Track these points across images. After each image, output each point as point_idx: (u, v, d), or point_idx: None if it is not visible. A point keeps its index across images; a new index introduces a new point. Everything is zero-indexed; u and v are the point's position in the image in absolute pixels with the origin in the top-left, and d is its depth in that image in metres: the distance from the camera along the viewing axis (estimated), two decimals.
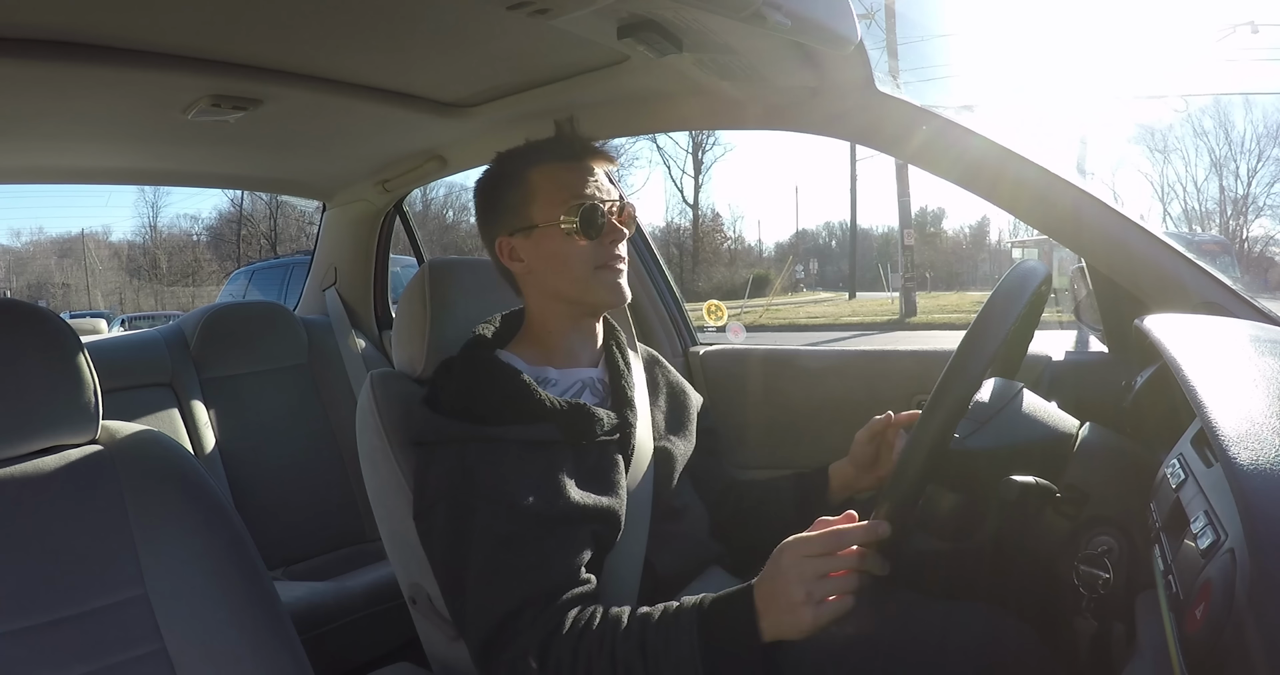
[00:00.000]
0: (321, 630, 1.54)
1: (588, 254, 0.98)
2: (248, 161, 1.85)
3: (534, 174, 1.00)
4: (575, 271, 0.99)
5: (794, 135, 1.86)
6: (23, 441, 0.81)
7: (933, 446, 0.81)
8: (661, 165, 37.62)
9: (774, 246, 35.66)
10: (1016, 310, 0.84)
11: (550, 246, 0.99)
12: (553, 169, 1.00)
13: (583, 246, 0.98)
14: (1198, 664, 0.47)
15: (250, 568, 0.85)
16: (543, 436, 0.92)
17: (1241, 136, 24.27)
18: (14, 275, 27.71)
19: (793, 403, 1.53)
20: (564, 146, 1.02)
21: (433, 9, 1.02)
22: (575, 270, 0.99)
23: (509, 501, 0.88)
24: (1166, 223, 25.62)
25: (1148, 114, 27.58)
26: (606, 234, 0.98)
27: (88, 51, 1.04)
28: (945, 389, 0.80)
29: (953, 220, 31.96)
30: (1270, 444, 0.50)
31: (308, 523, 1.93)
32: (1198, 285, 1.04)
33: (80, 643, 0.76)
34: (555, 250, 0.99)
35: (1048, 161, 1.10)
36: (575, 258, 0.98)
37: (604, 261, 0.99)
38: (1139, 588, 0.77)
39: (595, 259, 0.98)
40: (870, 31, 11.51)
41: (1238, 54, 23.44)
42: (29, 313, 0.83)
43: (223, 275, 22.96)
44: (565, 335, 1.04)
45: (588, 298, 1.01)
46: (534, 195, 0.99)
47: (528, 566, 0.86)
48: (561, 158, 1.01)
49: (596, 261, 0.98)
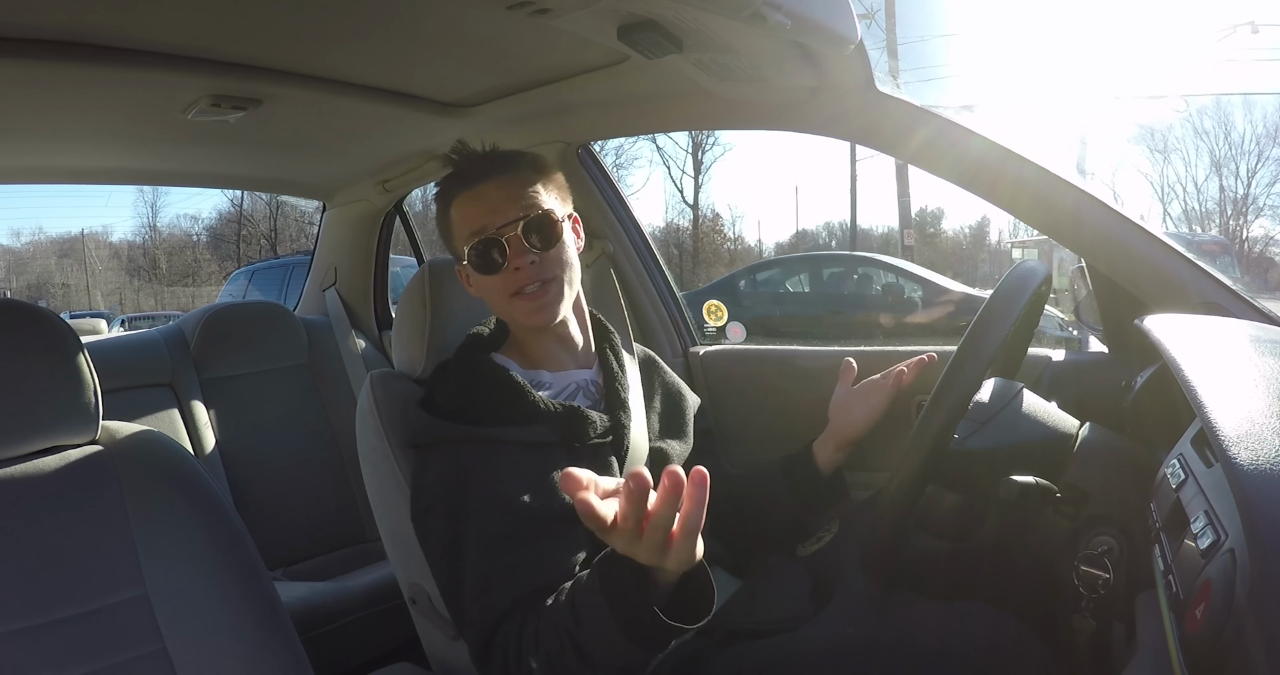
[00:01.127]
0: (321, 630, 1.54)
1: (498, 285, 0.99)
2: (248, 161, 1.85)
3: (451, 208, 1.01)
4: (493, 300, 1.02)
5: (794, 135, 1.86)
6: (23, 441, 0.81)
7: (933, 446, 0.81)
8: (661, 165, 37.60)
9: (774, 247, 35.63)
10: (1016, 310, 0.84)
11: (473, 278, 1.02)
12: (460, 201, 1.01)
13: (491, 279, 0.99)
14: (1198, 664, 0.47)
15: (250, 568, 0.85)
16: (537, 438, 0.93)
17: (1241, 137, 24.25)
18: (14, 275, 27.69)
19: (793, 403, 1.53)
20: (460, 176, 1.01)
21: (433, 9, 1.02)
22: (493, 299, 1.02)
23: (504, 503, 0.88)
24: (1166, 223, 25.60)
25: (1148, 114, 27.53)
26: (510, 262, 0.97)
27: (88, 51, 1.04)
28: (945, 389, 0.80)
29: (953, 220, 31.94)
30: (1270, 444, 0.50)
31: (307, 523, 1.93)
32: (1198, 285, 1.04)
33: (80, 643, 0.76)
34: (475, 282, 1.02)
35: (1048, 161, 1.10)
36: (489, 290, 1.01)
37: (515, 289, 0.98)
38: (1139, 588, 0.77)
39: (505, 289, 0.99)
40: (870, 31, 11.51)
41: (1238, 54, 23.44)
42: (29, 313, 0.83)
43: (222, 275, 22.94)
44: (539, 344, 1.05)
45: (515, 322, 1.03)
46: (451, 230, 1.02)
47: (523, 566, 0.86)
48: (464, 186, 1.00)
49: (507, 290, 0.99)
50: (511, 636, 0.83)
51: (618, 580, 0.72)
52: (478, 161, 1.01)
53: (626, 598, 0.72)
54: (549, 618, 0.80)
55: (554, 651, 0.78)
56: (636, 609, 0.71)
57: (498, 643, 0.84)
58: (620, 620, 0.72)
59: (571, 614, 0.77)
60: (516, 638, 0.82)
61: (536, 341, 1.05)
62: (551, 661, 0.79)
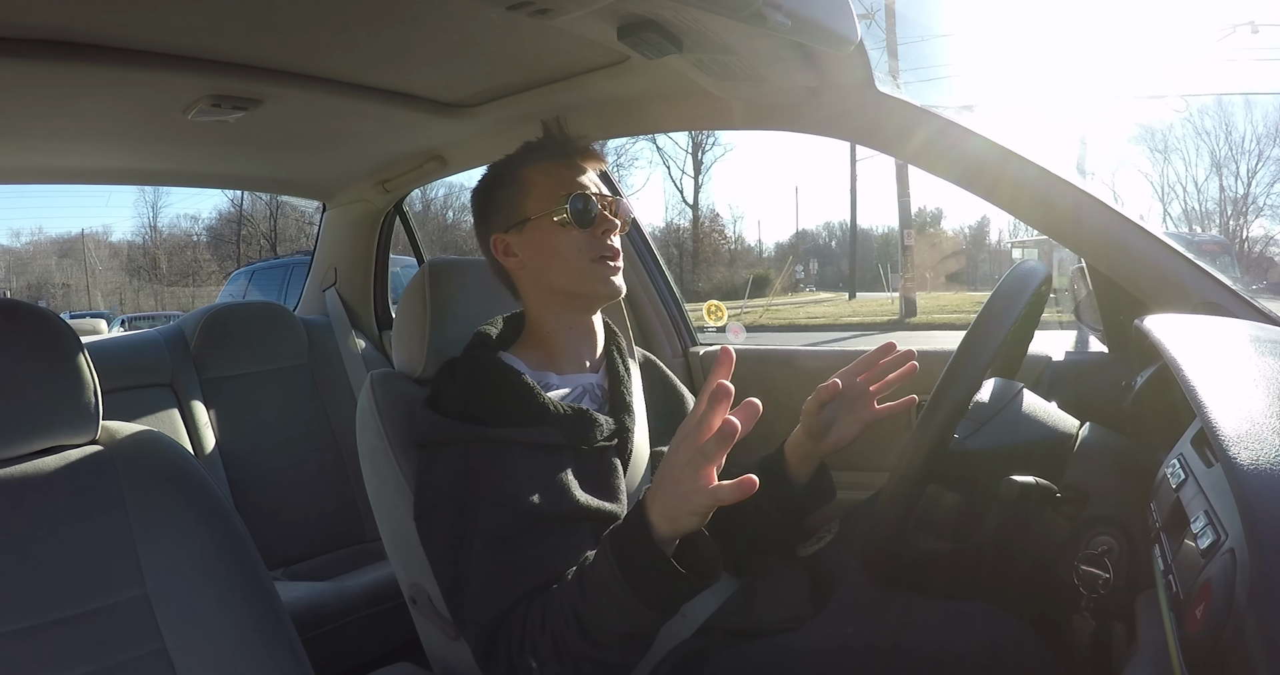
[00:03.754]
0: (321, 630, 1.54)
1: (582, 244, 0.98)
2: (248, 161, 1.85)
3: (527, 171, 1.02)
4: (570, 262, 0.99)
5: (794, 135, 1.86)
6: (23, 441, 0.81)
7: (933, 446, 0.81)
8: (661, 165, 37.57)
9: (774, 246, 35.63)
10: (1016, 310, 0.84)
11: (544, 239, 0.99)
12: (545, 166, 1.02)
13: (576, 237, 0.98)
14: (1198, 664, 0.47)
15: (250, 568, 0.85)
16: (545, 440, 0.93)
17: (1241, 137, 24.27)
18: (14, 275, 27.70)
19: (793, 403, 1.52)
20: (555, 145, 1.04)
21: (433, 9, 1.02)
22: (570, 261, 0.99)
23: (512, 503, 0.88)
24: (1166, 223, 25.61)
25: (1148, 114, 27.51)
26: (599, 224, 0.99)
27: (88, 51, 1.04)
28: (945, 389, 0.80)
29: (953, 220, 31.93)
30: (1270, 444, 0.50)
31: (308, 523, 1.93)
32: (1198, 285, 1.04)
33: (80, 643, 0.76)
34: (548, 242, 0.99)
35: (1048, 161, 1.10)
36: (569, 248, 0.98)
37: (599, 253, 0.99)
38: (1139, 588, 0.77)
39: (590, 250, 0.99)
40: (870, 31, 11.51)
41: (1238, 54, 23.47)
42: (29, 313, 0.83)
43: (222, 275, 22.96)
44: (563, 335, 1.04)
45: (582, 289, 1.00)
46: (528, 191, 1.01)
47: (529, 566, 0.86)
48: (553, 155, 1.03)
49: (591, 253, 0.99)
50: (515, 629, 0.83)
51: (628, 539, 0.75)
52: (574, 140, 1.04)
53: (638, 554, 0.74)
54: (555, 597, 0.82)
55: (559, 628, 0.79)
56: (648, 562, 0.74)
57: (501, 639, 0.84)
58: (630, 575, 0.74)
59: (579, 587, 0.79)
60: (520, 629, 0.83)
61: (568, 332, 1.04)
62: (556, 641, 0.80)
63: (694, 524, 0.74)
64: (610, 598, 0.76)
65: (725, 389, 0.71)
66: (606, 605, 0.76)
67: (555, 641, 0.80)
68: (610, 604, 0.76)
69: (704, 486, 0.71)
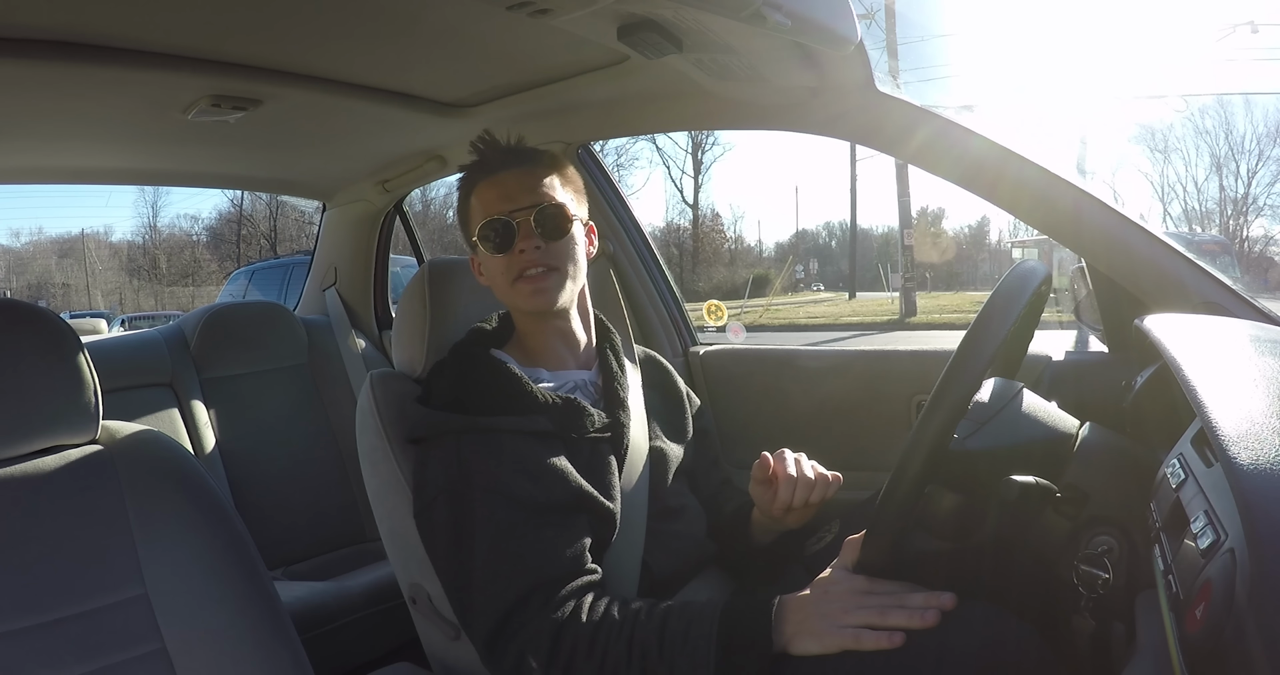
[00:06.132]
0: (321, 630, 1.54)
1: (502, 266, 1.01)
2: (248, 161, 1.85)
3: (473, 196, 1.05)
4: (497, 284, 1.04)
5: (794, 135, 1.86)
6: (23, 441, 0.81)
7: (933, 446, 0.81)
8: (661, 165, 37.57)
9: (774, 246, 35.67)
10: (1016, 310, 0.84)
11: (482, 261, 1.05)
12: (480, 188, 1.04)
13: (499, 261, 1.01)
14: (1198, 664, 0.47)
15: (250, 567, 0.85)
16: (535, 427, 0.94)
17: (1241, 136, 24.28)
18: (14, 275, 27.71)
19: (793, 403, 1.53)
20: (482, 164, 1.05)
21: (433, 9, 1.02)
22: (496, 283, 1.04)
23: (506, 491, 0.89)
24: (1166, 223, 25.62)
25: (1148, 114, 27.51)
26: (517, 244, 0.99)
27: (88, 51, 1.04)
28: (945, 389, 0.80)
29: (953, 220, 31.94)
30: (1270, 444, 0.50)
31: (308, 523, 1.93)
32: (1198, 285, 1.04)
33: (80, 642, 0.76)
34: (485, 265, 1.04)
35: (1048, 161, 1.10)
36: (494, 272, 1.03)
37: (517, 272, 1.00)
38: (1139, 588, 0.77)
39: (508, 271, 1.01)
40: (870, 31, 11.52)
41: (1238, 54, 23.48)
42: (29, 313, 0.83)
43: (222, 275, 22.95)
44: (540, 338, 1.06)
45: (515, 306, 1.05)
46: (469, 216, 1.05)
47: (531, 555, 0.87)
48: (485, 174, 1.04)
49: (510, 273, 1.01)
50: (530, 632, 0.84)
51: (742, 628, 0.82)
52: (501, 152, 1.05)
53: (746, 646, 0.80)
54: (611, 627, 0.83)
55: (616, 664, 0.82)
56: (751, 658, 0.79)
57: (509, 631, 0.84)
58: (725, 667, 0.79)
59: (658, 639, 0.82)
60: (550, 639, 0.83)
61: (539, 333, 1.06)
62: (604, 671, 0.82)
63: (811, 649, 0.79)
64: (693, 669, 0.79)
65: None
66: (683, 670, 0.79)
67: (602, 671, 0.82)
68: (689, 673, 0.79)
69: (857, 634, 0.79)
